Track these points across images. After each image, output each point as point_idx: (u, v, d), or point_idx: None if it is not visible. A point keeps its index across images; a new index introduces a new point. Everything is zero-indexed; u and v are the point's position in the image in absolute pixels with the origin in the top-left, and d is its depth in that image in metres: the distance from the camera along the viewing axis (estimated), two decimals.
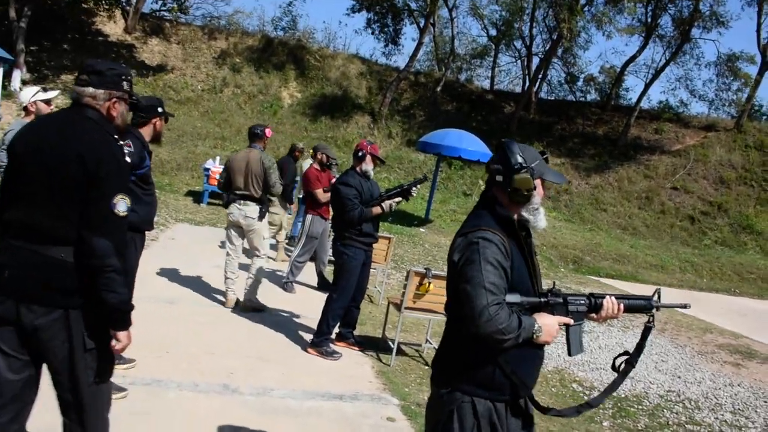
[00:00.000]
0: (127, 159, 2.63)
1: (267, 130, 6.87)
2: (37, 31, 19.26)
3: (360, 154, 5.86)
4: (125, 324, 2.60)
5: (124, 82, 2.70)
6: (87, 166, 2.43)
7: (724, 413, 5.94)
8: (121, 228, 2.52)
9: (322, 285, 8.19)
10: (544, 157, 2.52)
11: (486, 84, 28.23)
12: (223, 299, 6.91)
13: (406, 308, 5.78)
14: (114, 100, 2.65)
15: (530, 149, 2.49)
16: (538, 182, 2.47)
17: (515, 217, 2.48)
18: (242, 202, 6.64)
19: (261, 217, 6.73)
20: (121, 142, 2.65)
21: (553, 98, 26.93)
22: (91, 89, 2.59)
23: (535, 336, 2.31)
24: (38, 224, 2.46)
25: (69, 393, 2.58)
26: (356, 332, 6.30)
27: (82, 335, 2.51)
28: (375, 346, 6.23)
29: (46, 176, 2.45)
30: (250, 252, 6.94)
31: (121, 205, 2.50)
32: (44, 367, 2.63)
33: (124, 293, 2.50)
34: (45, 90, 5.52)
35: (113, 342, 2.60)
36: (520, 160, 2.41)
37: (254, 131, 6.83)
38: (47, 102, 5.42)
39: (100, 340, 2.57)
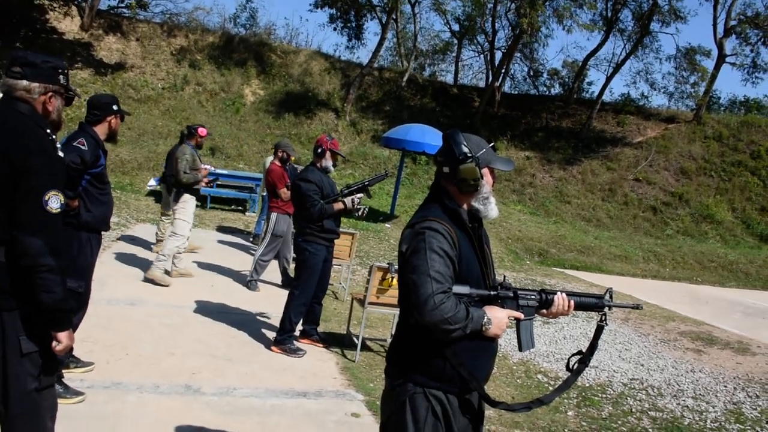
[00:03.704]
0: (60, 154, 2.51)
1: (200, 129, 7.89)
2: None
3: (319, 150, 5.79)
4: (64, 324, 2.48)
5: (60, 76, 2.59)
6: (13, 161, 2.32)
7: (686, 399, 6.03)
8: (55, 225, 2.41)
9: (286, 283, 8.12)
10: (491, 145, 2.50)
11: (449, 79, 28.32)
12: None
13: (369, 303, 5.75)
14: (50, 94, 2.54)
15: (476, 138, 2.48)
16: (486, 171, 2.46)
17: (465, 207, 2.47)
18: None
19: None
20: (54, 137, 2.53)
21: (516, 92, 27.09)
22: (24, 82, 2.48)
23: (484, 328, 2.30)
24: None
25: (1, 403, 2.46)
26: (320, 329, 6.25)
27: (18, 339, 2.40)
28: (339, 342, 6.19)
29: None
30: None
31: (54, 201, 2.39)
32: None
33: (59, 293, 2.39)
34: None
35: (53, 343, 2.49)
36: (464, 150, 2.40)
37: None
38: None
39: (41, 343, 2.46)
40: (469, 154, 2.39)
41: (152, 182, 10.66)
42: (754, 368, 7.33)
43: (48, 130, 2.50)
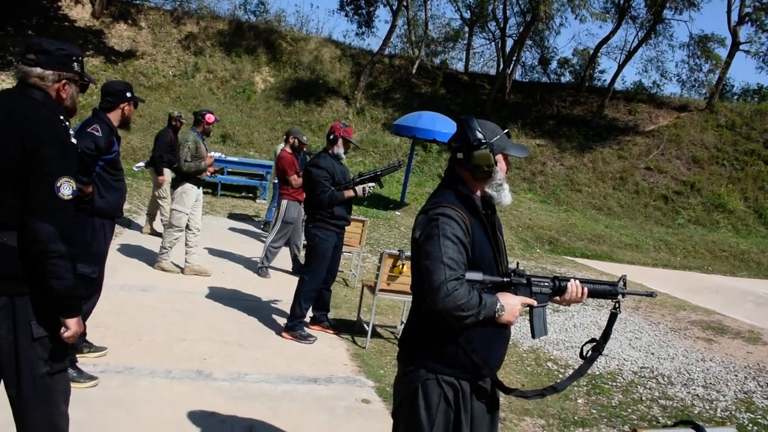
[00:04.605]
0: (73, 140, 2.51)
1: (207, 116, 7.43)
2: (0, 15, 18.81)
3: (332, 137, 5.80)
4: (74, 311, 2.49)
5: (75, 63, 2.59)
6: (26, 147, 2.33)
7: (696, 388, 6.02)
8: (66, 212, 2.41)
9: (297, 269, 8.14)
10: (505, 131, 2.49)
11: (460, 66, 28.18)
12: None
13: (380, 290, 5.76)
14: (64, 81, 2.55)
15: (490, 125, 2.46)
16: (500, 157, 2.45)
17: (479, 194, 2.46)
18: None
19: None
20: (67, 123, 2.53)
21: (527, 80, 26.94)
22: (39, 70, 2.48)
23: (497, 315, 2.30)
24: None
25: (14, 388, 2.48)
26: (331, 315, 6.28)
27: (29, 324, 2.41)
28: (350, 329, 6.21)
29: None
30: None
31: (66, 188, 2.39)
32: None
33: (70, 279, 2.40)
34: None
35: (62, 329, 2.49)
36: (479, 136, 2.39)
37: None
38: None
39: (52, 328, 2.47)
40: (484, 141, 2.38)
41: (140, 164, 10.71)
42: (765, 358, 7.30)
43: (62, 117, 2.51)
